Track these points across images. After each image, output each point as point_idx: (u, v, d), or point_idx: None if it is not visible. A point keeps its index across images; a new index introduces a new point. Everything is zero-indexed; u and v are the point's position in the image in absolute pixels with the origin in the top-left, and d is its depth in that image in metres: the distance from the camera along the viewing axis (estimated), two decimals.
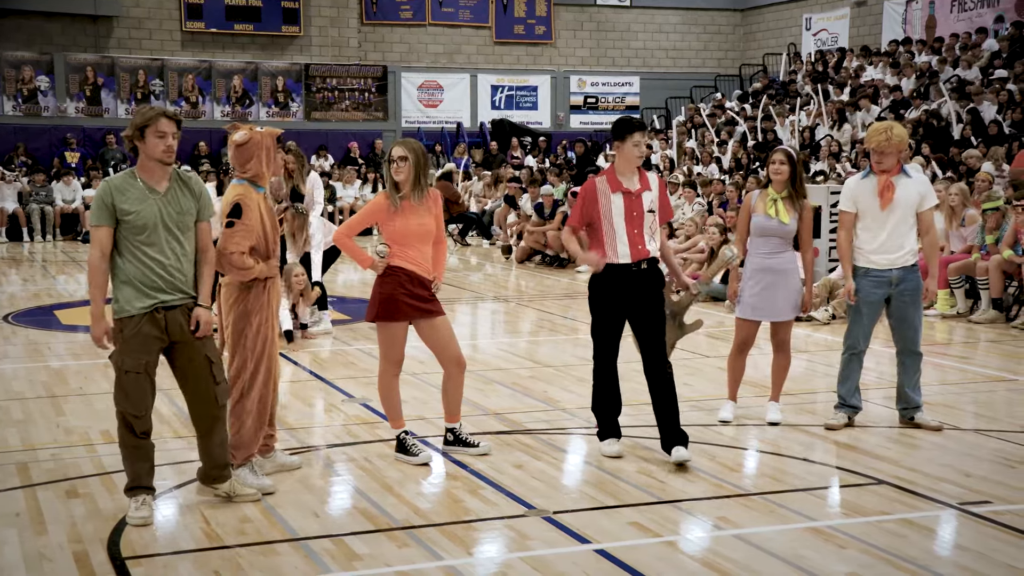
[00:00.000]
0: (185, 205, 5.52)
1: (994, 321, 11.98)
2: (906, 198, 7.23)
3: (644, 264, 6.47)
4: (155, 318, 5.44)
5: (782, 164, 7.31)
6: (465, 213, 22.40)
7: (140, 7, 26.35)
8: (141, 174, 5.48)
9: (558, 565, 4.96)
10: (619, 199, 6.45)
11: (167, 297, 5.46)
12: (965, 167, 15.97)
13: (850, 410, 7.48)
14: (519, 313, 13.33)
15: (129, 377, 5.44)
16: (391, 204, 6.37)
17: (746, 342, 7.51)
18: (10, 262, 18.99)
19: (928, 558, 5.07)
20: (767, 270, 7.34)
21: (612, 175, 6.52)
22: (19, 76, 25.44)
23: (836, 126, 20.65)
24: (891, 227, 7.24)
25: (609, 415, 6.71)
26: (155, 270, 5.42)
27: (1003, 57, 20.60)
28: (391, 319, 6.44)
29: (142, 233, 5.39)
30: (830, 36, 27.60)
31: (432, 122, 28.59)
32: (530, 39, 29.52)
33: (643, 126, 6.57)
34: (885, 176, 7.23)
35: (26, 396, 8.37)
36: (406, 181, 6.37)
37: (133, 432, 5.48)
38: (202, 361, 5.58)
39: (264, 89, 27.17)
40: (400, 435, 6.62)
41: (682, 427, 6.53)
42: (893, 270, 7.26)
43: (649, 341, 6.53)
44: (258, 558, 5.05)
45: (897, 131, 7.22)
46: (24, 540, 5.28)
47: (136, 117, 5.48)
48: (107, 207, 5.38)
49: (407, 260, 6.41)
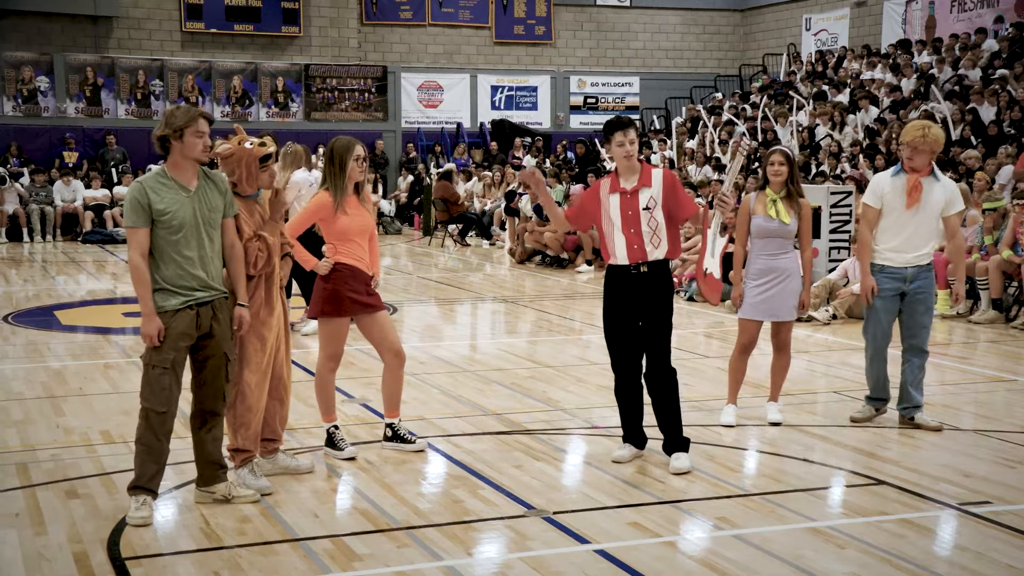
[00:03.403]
0: (214, 202, 5.59)
1: (994, 321, 11.98)
2: (932, 201, 7.20)
3: (644, 267, 6.33)
4: (188, 314, 5.50)
5: (781, 165, 7.30)
6: (465, 213, 22.40)
7: (140, 7, 26.34)
8: (173, 172, 5.51)
9: (557, 565, 4.96)
10: (615, 199, 6.38)
11: (200, 294, 5.52)
12: (964, 167, 15.98)
13: (878, 403, 7.55)
14: (519, 313, 13.34)
15: (156, 372, 5.48)
16: (335, 202, 6.45)
17: (750, 343, 7.49)
18: (10, 262, 18.98)
19: (928, 558, 5.07)
20: (770, 271, 7.32)
21: (615, 176, 6.48)
22: (19, 76, 25.42)
23: (838, 128, 20.64)
24: (913, 228, 7.23)
25: (631, 420, 6.61)
26: (189, 269, 5.47)
27: (1003, 57, 20.61)
28: (336, 315, 6.57)
29: (178, 232, 5.44)
30: (830, 36, 27.61)
31: (432, 122, 28.59)
32: (530, 39, 29.52)
33: (626, 124, 6.39)
34: (915, 176, 7.19)
35: (26, 396, 8.37)
36: (366, 180, 6.60)
37: (154, 431, 5.51)
38: (220, 357, 5.65)
39: (264, 89, 27.17)
40: (329, 429, 6.74)
41: (683, 433, 6.50)
42: (908, 268, 7.28)
43: (652, 345, 6.41)
44: (258, 558, 5.05)
45: (934, 130, 7.18)
46: (24, 540, 5.28)
47: (175, 117, 5.48)
48: (143, 208, 5.40)
49: (351, 257, 6.53)
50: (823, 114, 21.37)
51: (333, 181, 6.46)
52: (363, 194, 6.64)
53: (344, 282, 6.50)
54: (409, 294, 14.65)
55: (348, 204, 6.49)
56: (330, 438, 6.73)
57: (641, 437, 6.62)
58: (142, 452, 5.55)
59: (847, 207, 13.35)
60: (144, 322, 5.47)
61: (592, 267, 17.26)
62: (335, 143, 6.51)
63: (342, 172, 6.44)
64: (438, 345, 10.99)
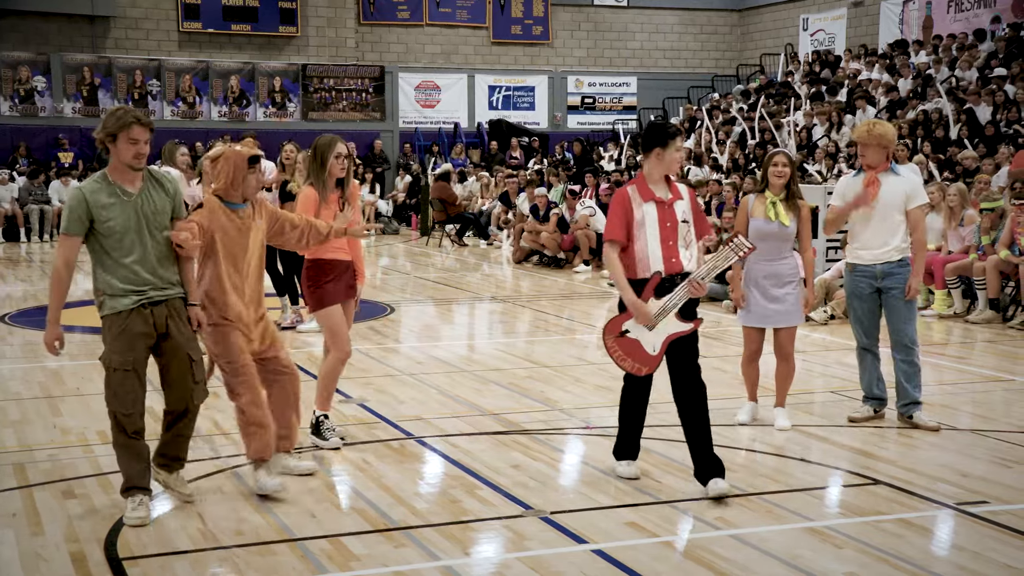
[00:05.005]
0: (160, 204, 5.53)
1: (991, 321, 11.99)
2: (891, 195, 7.35)
3: (678, 279, 5.95)
4: (142, 314, 5.46)
5: (785, 166, 7.30)
6: (462, 213, 22.40)
7: (137, 7, 26.32)
8: (113, 176, 5.46)
9: (555, 565, 4.96)
10: (652, 209, 5.97)
11: (153, 293, 5.49)
12: (962, 167, 15.98)
13: (875, 403, 7.57)
14: (516, 313, 13.34)
15: (117, 375, 5.45)
16: (320, 197, 6.73)
17: (756, 351, 7.50)
18: (7, 262, 18.97)
19: (925, 558, 5.07)
20: (769, 276, 7.32)
21: (643, 184, 6.03)
22: (16, 76, 25.40)
23: (836, 128, 20.64)
24: (875, 223, 7.38)
25: (632, 434, 6.29)
26: (135, 271, 5.43)
27: (999, 58, 20.61)
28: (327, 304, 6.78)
29: (118, 237, 5.39)
30: (827, 36, 27.62)
31: (429, 122, 28.58)
32: (527, 39, 29.51)
33: (680, 131, 6.08)
34: (871, 172, 7.40)
35: (23, 396, 8.36)
36: (350, 177, 6.86)
37: (124, 431, 5.49)
38: (183, 358, 5.61)
39: (261, 89, 27.15)
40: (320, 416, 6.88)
41: (716, 454, 6.01)
42: (877, 265, 7.39)
43: (684, 360, 6.05)
44: (255, 558, 5.05)
45: (880, 127, 7.40)
46: (21, 540, 5.28)
47: (109, 121, 5.42)
48: (80, 217, 5.36)
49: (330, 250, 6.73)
50: (821, 114, 21.38)
51: (316, 176, 6.78)
52: (348, 191, 6.87)
53: (325, 274, 6.78)
54: (407, 294, 14.65)
55: (330, 199, 6.77)
56: (317, 425, 6.85)
57: (637, 447, 6.36)
58: (122, 455, 5.56)
59: None
60: (47, 330, 5.44)
61: (590, 267, 17.27)
62: (318, 140, 6.87)
63: (323, 168, 6.74)
64: (436, 345, 10.99)
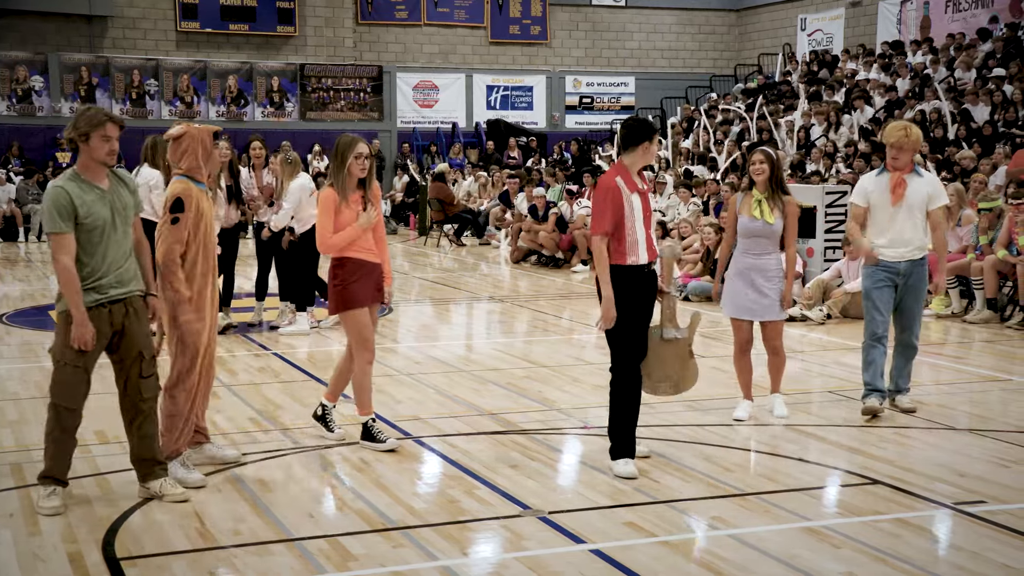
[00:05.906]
0: (126, 199, 5.67)
1: (988, 321, 11.99)
2: (916, 196, 7.50)
3: (653, 265, 6.35)
4: (101, 312, 5.52)
5: (762, 164, 7.41)
6: (460, 213, 22.40)
7: (135, 7, 26.31)
8: (85, 174, 5.55)
9: (553, 565, 4.96)
10: (637, 200, 6.26)
11: (114, 291, 5.56)
12: (959, 167, 15.99)
13: (879, 395, 7.60)
14: (514, 313, 13.33)
15: (67, 370, 5.53)
16: (340, 198, 6.67)
17: (746, 341, 7.57)
18: (5, 262, 18.95)
19: (923, 558, 5.07)
20: (753, 269, 7.42)
21: (627, 176, 6.27)
22: (13, 76, 25.39)
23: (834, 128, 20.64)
24: (900, 223, 7.51)
25: (627, 431, 6.35)
26: (106, 267, 5.51)
27: (996, 58, 20.62)
28: (353, 307, 6.72)
29: (97, 233, 5.48)
30: (825, 36, 27.63)
31: (427, 122, 28.58)
32: (525, 39, 29.52)
33: (658, 129, 6.44)
34: (898, 173, 7.52)
35: (20, 396, 8.36)
36: (372, 176, 6.78)
37: (62, 426, 5.59)
38: (135, 354, 5.68)
39: (259, 89, 27.15)
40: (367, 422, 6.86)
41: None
42: (902, 263, 7.51)
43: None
44: (253, 558, 5.05)
45: (915, 130, 7.55)
46: (18, 540, 5.27)
47: (81, 121, 5.51)
48: (68, 212, 5.42)
49: (357, 250, 6.70)
50: (819, 114, 21.39)
51: (336, 176, 6.69)
52: (371, 191, 6.79)
53: (352, 274, 6.69)
54: (405, 294, 14.64)
55: (352, 199, 6.67)
56: (367, 431, 6.84)
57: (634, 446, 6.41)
58: (51, 445, 5.63)
59: (842, 207, 13.36)
60: (76, 327, 5.45)
61: (588, 267, 17.26)
62: (340, 139, 6.80)
63: (342, 167, 6.66)
64: (434, 345, 10.99)
